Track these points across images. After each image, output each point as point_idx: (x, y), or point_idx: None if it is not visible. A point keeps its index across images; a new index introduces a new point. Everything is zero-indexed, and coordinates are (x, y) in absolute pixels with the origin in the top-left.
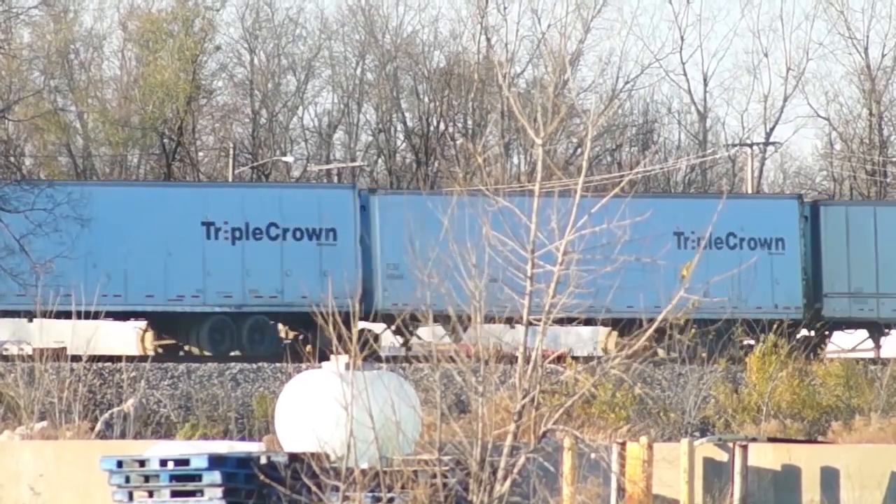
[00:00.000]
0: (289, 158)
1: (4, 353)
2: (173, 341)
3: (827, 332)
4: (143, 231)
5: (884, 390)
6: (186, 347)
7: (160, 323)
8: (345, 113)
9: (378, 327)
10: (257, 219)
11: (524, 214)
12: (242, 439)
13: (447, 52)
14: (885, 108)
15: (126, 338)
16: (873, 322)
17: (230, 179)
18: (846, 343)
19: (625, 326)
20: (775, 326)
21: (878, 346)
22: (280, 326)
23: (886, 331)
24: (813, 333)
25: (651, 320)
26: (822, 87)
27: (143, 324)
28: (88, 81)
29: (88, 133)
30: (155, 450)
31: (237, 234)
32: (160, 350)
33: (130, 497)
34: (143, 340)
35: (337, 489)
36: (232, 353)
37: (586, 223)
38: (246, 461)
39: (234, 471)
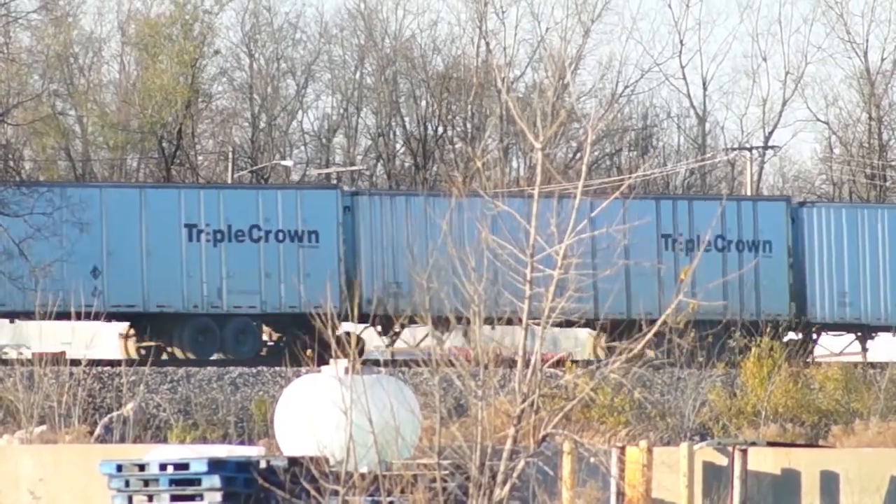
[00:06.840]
0: (288, 162)
1: (4, 356)
2: None
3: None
4: None
5: (882, 394)
6: None
7: None
8: (344, 117)
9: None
10: None
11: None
12: (242, 443)
13: (446, 56)
14: (884, 112)
15: None
16: None
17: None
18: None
19: None
20: None
21: None
22: None
23: None
24: None
25: None
26: (822, 90)
27: None
28: (88, 85)
29: (88, 137)
30: (154, 454)
31: None
32: None
33: (130, 501)
34: None
35: (336, 493)
36: None
37: (585, 227)
38: (245, 465)
39: (234, 475)
